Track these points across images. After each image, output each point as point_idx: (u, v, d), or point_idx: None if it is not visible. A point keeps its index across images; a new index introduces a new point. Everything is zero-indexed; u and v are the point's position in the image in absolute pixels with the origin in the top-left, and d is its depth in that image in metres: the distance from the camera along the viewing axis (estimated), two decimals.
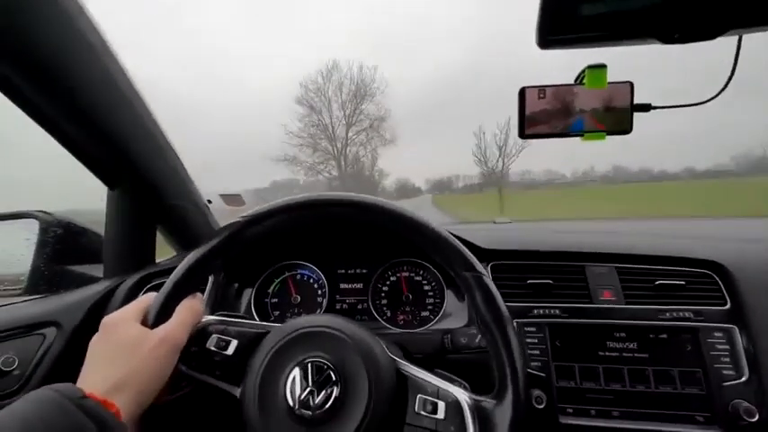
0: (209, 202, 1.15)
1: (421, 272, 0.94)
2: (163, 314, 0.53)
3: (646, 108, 0.77)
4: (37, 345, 0.71)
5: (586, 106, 0.78)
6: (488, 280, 0.54)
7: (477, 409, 0.48)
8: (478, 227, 1.13)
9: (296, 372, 0.48)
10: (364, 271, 0.97)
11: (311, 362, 0.49)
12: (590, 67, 0.74)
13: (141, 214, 0.94)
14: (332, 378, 0.48)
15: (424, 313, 0.91)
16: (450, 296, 0.90)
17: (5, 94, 0.64)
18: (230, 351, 0.53)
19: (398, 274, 0.95)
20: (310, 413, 0.46)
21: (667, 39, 0.53)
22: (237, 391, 0.51)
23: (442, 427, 0.47)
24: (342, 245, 0.97)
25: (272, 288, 0.97)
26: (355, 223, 0.60)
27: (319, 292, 0.96)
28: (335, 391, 0.47)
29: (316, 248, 0.98)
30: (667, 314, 0.73)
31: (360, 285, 0.95)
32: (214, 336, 0.54)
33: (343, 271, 0.97)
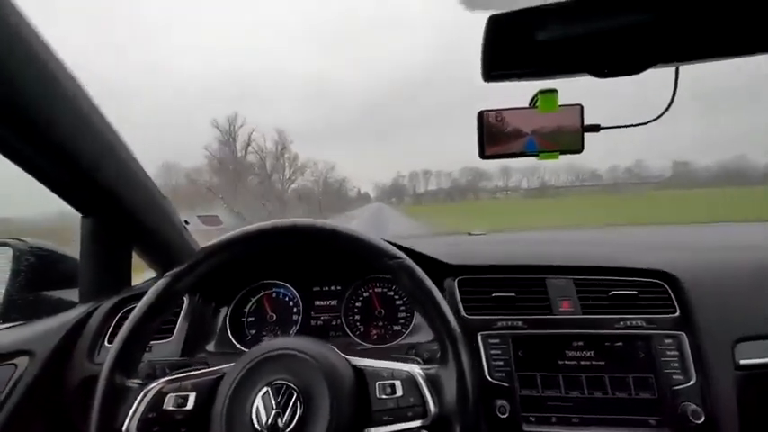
0: (187, 222, 1.16)
1: (393, 288, 0.97)
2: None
3: (595, 129, 0.82)
4: (8, 375, 0.72)
5: (539, 128, 0.83)
6: (411, 262, 0.59)
7: (429, 377, 0.54)
8: (452, 240, 1.17)
9: (258, 400, 0.51)
10: (338, 288, 0.99)
11: (273, 386, 0.52)
12: (542, 91, 0.79)
13: (116, 238, 0.95)
14: (293, 395, 0.51)
15: (396, 327, 0.93)
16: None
17: None
18: (190, 405, 0.54)
19: (371, 290, 0.98)
20: None
21: (598, 73, 0.58)
22: None
23: (402, 402, 0.52)
24: (317, 263, 1.00)
25: (248, 307, 0.99)
26: (279, 248, 0.65)
27: (294, 309, 0.98)
28: (299, 408, 0.50)
29: (292, 267, 1.01)
30: (621, 323, 0.77)
31: (334, 302, 0.98)
32: (170, 395, 0.55)
33: (318, 288, 1.00)
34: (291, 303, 0.99)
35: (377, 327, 0.94)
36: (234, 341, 0.93)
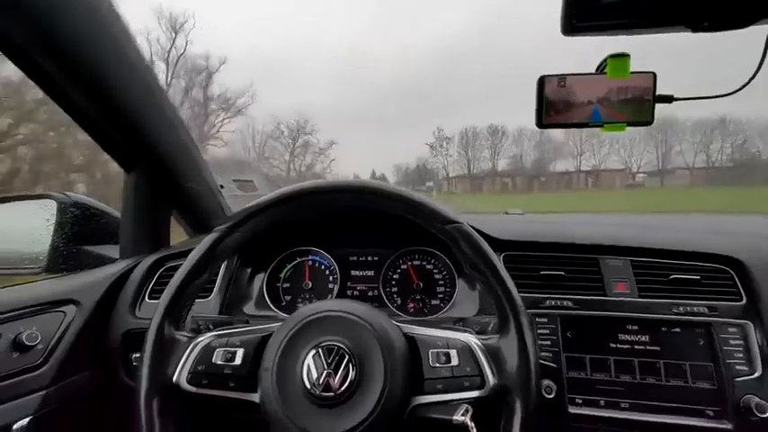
0: (222, 186, 1.16)
1: (432, 260, 0.95)
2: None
3: (668, 99, 0.76)
4: (58, 321, 0.73)
5: (606, 96, 0.76)
6: (468, 227, 0.56)
7: (487, 348, 0.52)
8: (491, 217, 1.12)
9: (309, 359, 0.50)
10: (375, 258, 0.97)
11: (323, 346, 0.50)
12: (612, 56, 0.73)
13: (157, 197, 0.95)
14: (345, 358, 0.49)
15: (435, 301, 0.91)
16: (461, 284, 0.90)
17: (32, 78, 0.66)
18: (238, 360, 0.54)
19: (409, 263, 0.95)
20: (332, 394, 0.48)
21: (696, 26, 0.51)
22: (256, 397, 0.52)
23: (457, 372, 0.51)
24: (354, 232, 0.98)
25: (283, 273, 0.98)
26: (328, 209, 0.62)
27: (330, 278, 0.97)
28: (351, 371, 0.49)
29: (328, 235, 0.99)
30: (681, 308, 0.73)
31: (371, 273, 0.96)
32: (219, 350, 0.55)
33: (354, 258, 0.98)
34: (328, 272, 0.97)
35: (414, 300, 0.92)
36: (271, 305, 0.92)
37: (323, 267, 0.98)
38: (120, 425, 0.82)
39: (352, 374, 0.49)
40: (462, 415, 0.61)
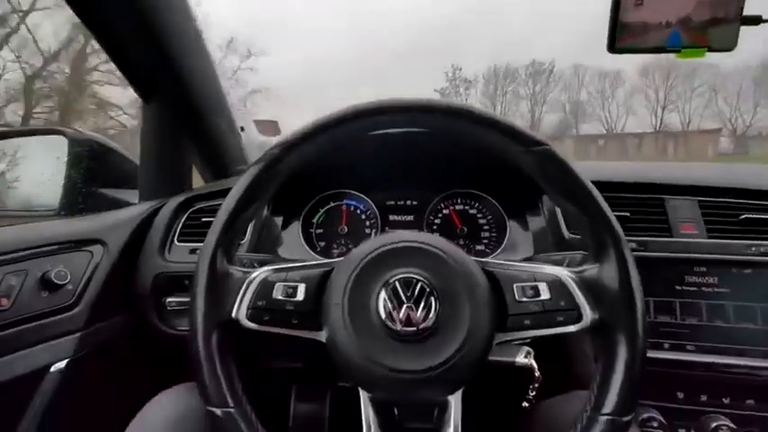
0: (242, 129, 1.07)
1: (476, 204, 0.89)
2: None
3: (756, 21, 0.69)
4: (85, 261, 0.68)
5: (688, 17, 0.69)
6: (557, 150, 0.50)
7: (583, 280, 0.47)
8: None
9: (384, 292, 0.45)
10: (415, 203, 0.92)
11: (400, 279, 0.45)
12: None
13: (177, 132, 0.87)
14: (425, 291, 0.45)
15: (479, 247, 0.87)
16: (513, 226, 0.85)
17: None
18: (300, 296, 0.49)
19: (451, 207, 0.90)
20: (414, 329, 0.43)
21: None
22: (322, 335, 0.48)
23: (550, 305, 0.46)
24: (389, 175, 0.91)
25: (316, 218, 0.92)
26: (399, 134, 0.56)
27: (368, 223, 0.91)
28: (434, 306, 0.44)
29: (363, 178, 0.93)
30: (753, 249, 0.69)
31: (410, 218, 0.91)
32: (278, 284, 0.49)
33: (392, 203, 0.92)
34: (364, 216, 0.92)
35: (458, 245, 0.87)
36: (308, 249, 0.87)
37: (359, 212, 0.92)
38: (153, 370, 0.78)
39: (434, 309, 0.44)
40: (525, 357, 0.57)
